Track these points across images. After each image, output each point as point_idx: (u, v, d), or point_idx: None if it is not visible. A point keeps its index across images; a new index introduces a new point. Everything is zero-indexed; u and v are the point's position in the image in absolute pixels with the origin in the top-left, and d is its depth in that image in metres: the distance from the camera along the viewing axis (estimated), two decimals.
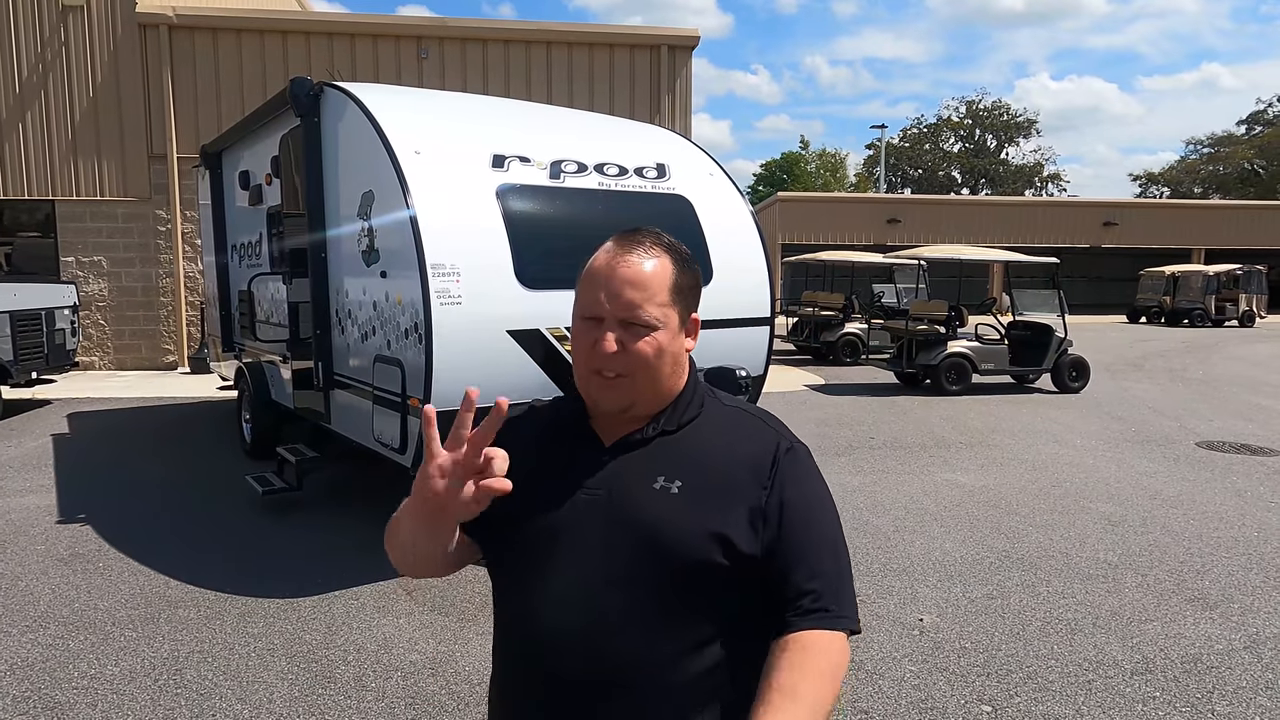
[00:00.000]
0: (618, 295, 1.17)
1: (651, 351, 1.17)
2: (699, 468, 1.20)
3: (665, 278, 1.20)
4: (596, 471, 1.21)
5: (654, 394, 1.22)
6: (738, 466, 1.20)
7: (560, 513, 1.19)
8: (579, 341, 1.21)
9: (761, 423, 1.27)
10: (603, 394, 1.20)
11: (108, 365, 13.42)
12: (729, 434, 1.24)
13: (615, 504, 1.18)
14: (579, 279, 1.24)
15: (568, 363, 4.79)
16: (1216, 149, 53.58)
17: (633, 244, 1.21)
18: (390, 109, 4.99)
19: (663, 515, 1.16)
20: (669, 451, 1.21)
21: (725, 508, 1.16)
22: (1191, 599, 4.31)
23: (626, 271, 1.18)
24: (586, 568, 1.17)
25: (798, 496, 1.20)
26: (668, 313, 1.19)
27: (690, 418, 1.25)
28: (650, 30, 14.69)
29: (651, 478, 1.19)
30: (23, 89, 12.80)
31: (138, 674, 3.49)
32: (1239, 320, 25.78)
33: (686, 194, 5.62)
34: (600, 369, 1.18)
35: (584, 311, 1.21)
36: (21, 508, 5.88)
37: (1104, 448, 7.97)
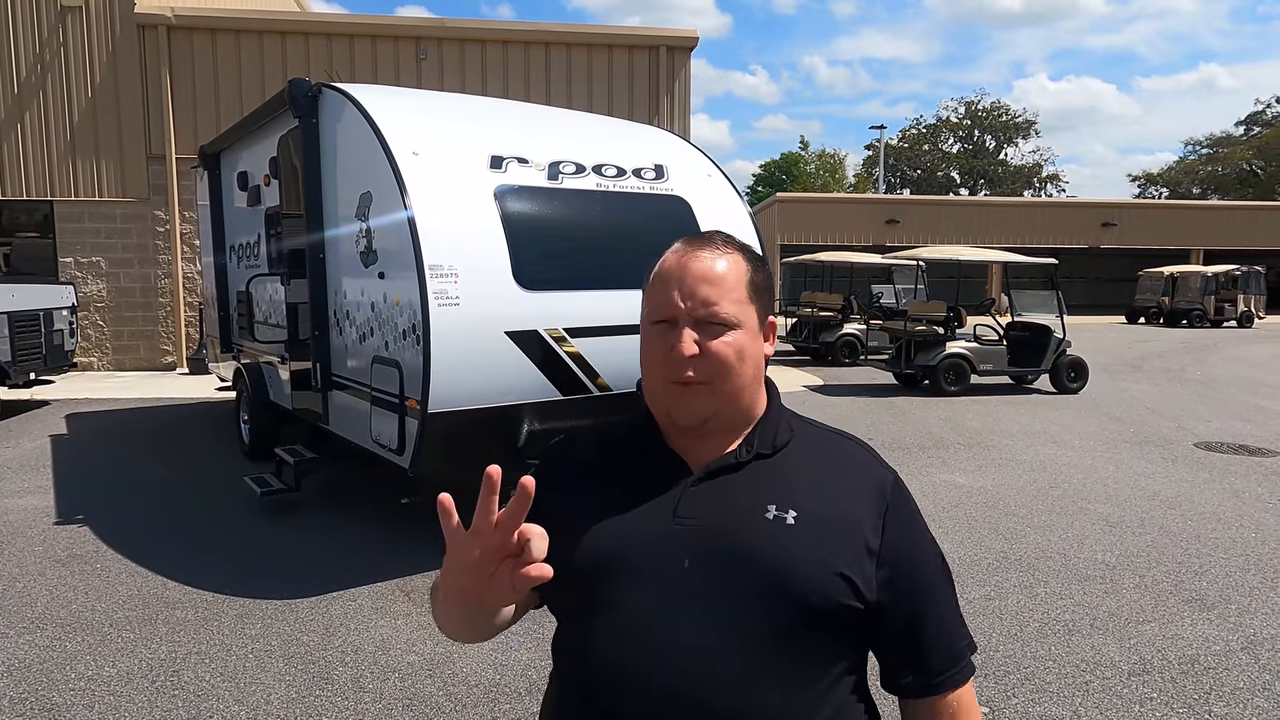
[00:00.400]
0: (693, 292, 1.07)
1: (733, 353, 1.07)
2: (811, 497, 1.08)
3: (741, 273, 1.11)
4: (690, 499, 1.08)
5: (735, 405, 1.11)
6: (851, 499, 1.09)
7: (647, 547, 1.06)
8: (651, 349, 1.10)
9: (863, 450, 1.17)
10: (681, 405, 1.09)
11: (106, 366, 13.42)
12: (832, 462, 1.14)
13: (719, 535, 1.05)
14: (646, 284, 1.15)
15: (566, 364, 4.83)
16: (1215, 150, 53.65)
17: (703, 242, 1.13)
18: (388, 110, 4.99)
19: (782, 549, 1.03)
20: (772, 478, 1.09)
21: (844, 545, 1.05)
22: (1189, 600, 4.32)
23: (700, 266, 1.09)
24: (685, 610, 1.02)
25: (916, 538, 1.11)
26: (746, 311, 1.09)
27: (785, 440, 1.13)
28: (649, 31, 14.70)
29: (761, 506, 1.06)
30: (21, 89, 12.79)
31: (135, 675, 3.49)
32: (1237, 321, 25.80)
33: (684, 195, 5.62)
34: (677, 376, 1.07)
35: (655, 315, 1.11)
36: (19, 509, 5.88)
37: (1102, 448, 7.98)
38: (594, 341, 4.94)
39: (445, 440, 4.53)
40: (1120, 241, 31.22)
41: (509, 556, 0.91)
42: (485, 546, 0.90)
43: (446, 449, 4.61)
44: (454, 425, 4.49)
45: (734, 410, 1.11)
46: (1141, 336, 21.83)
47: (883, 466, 1.15)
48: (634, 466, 1.14)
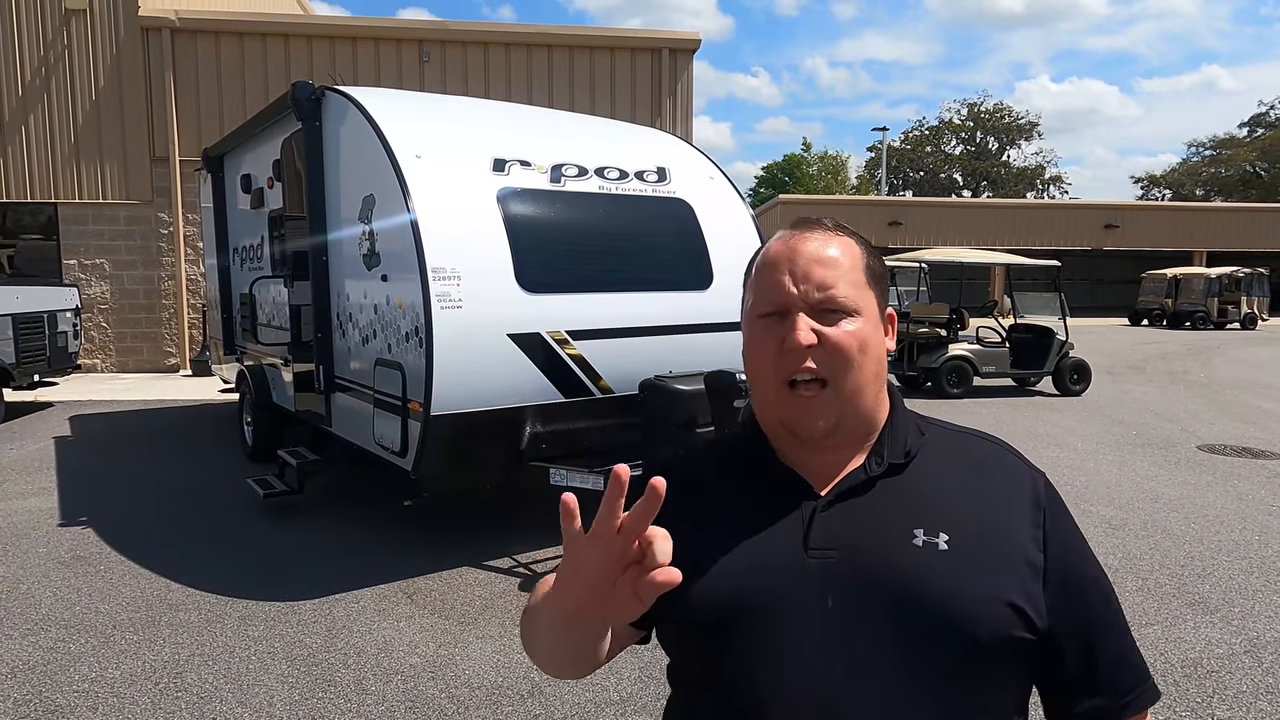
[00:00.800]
0: (806, 274, 0.95)
1: (855, 343, 0.94)
2: (960, 512, 0.95)
3: (856, 256, 0.99)
4: (821, 526, 0.95)
5: (859, 408, 0.97)
6: (1003, 511, 0.97)
7: (777, 585, 0.93)
8: (759, 347, 0.97)
9: (1004, 450, 1.04)
10: (800, 414, 0.96)
11: (110, 368, 13.44)
12: (972, 468, 1.01)
13: (864, 569, 0.92)
14: (749, 276, 1.03)
15: (568, 366, 4.83)
16: (1218, 151, 53.58)
17: (811, 225, 1.01)
18: (391, 113, 5.01)
19: (941, 580, 0.91)
20: (910, 494, 0.97)
21: (1007, 567, 0.93)
22: (1192, 603, 4.31)
23: (811, 248, 0.97)
24: (826, 650, 0.90)
25: (1079, 547, 0.99)
26: (865, 296, 0.97)
27: (917, 446, 1.01)
28: (651, 34, 14.72)
29: (906, 531, 0.93)
30: (26, 92, 12.83)
31: (138, 677, 3.50)
32: (1241, 323, 25.75)
33: (687, 197, 5.63)
34: (794, 373, 0.94)
35: (761, 307, 0.98)
36: (23, 510, 5.89)
37: (1105, 451, 7.97)
38: (596, 344, 4.95)
39: (448, 442, 4.53)
40: (1123, 243, 31.18)
41: (631, 564, 0.80)
42: (608, 553, 0.79)
43: (449, 451, 4.62)
44: (456, 428, 4.49)
45: (858, 415, 0.98)
46: (1144, 339, 21.80)
47: (1030, 467, 1.03)
48: (747, 488, 1.01)
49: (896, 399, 1.04)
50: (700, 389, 4.56)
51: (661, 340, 5.20)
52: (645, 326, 5.16)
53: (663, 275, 5.39)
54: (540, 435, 4.89)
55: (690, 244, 5.52)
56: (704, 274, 5.49)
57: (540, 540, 5.18)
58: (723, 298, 5.47)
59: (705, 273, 5.50)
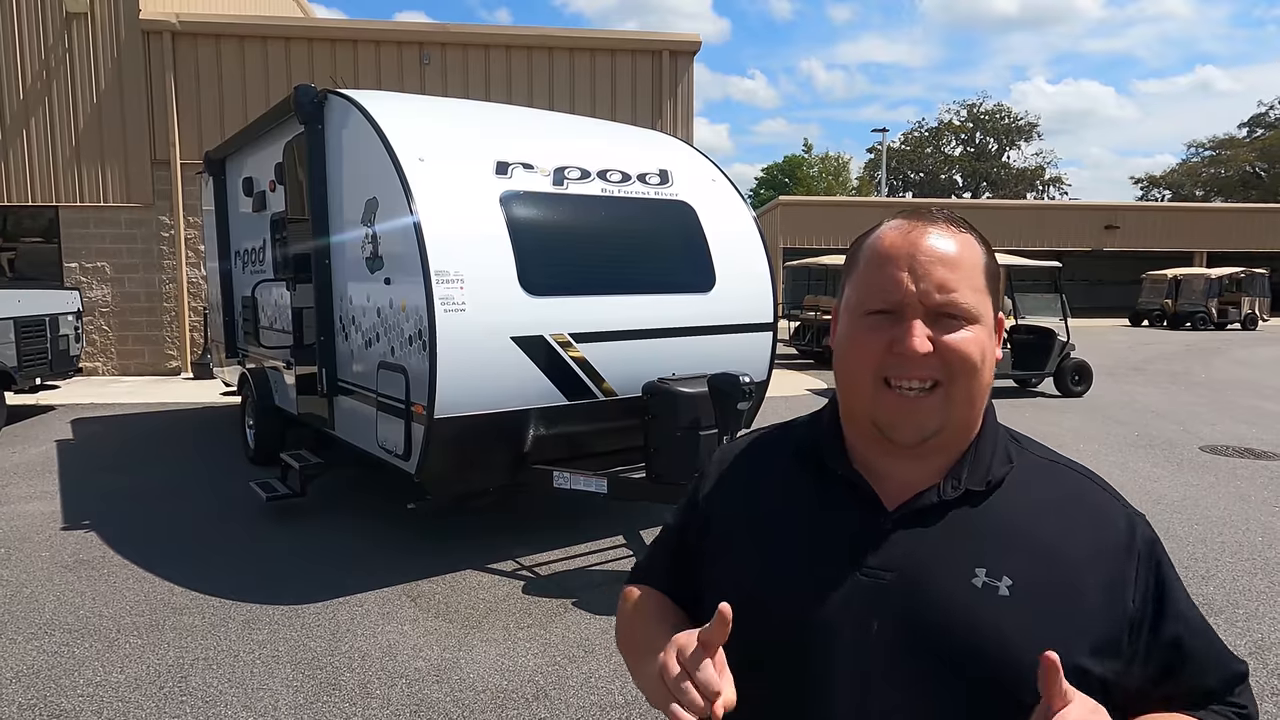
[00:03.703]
0: (929, 273, 0.87)
1: (977, 351, 0.88)
2: (1032, 556, 0.88)
3: (978, 258, 0.92)
4: (879, 545, 0.89)
5: (965, 418, 0.91)
6: (1085, 557, 0.89)
7: (824, 598, 0.89)
8: (862, 344, 0.90)
9: (1099, 488, 0.97)
10: (903, 415, 0.89)
11: (111, 371, 13.44)
12: (1058, 504, 0.93)
13: (911, 597, 0.87)
14: (853, 263, 0.96)
15: (572, 369, 4.83)
16: (1218, 152, 53.59)
17: (931, 218, 0.93)
18: (394, 116, 5.01)
19: (987, 624, 0.85)
20: (983, 527, 0.90)
21: (1076, 622, 0.86)
22: (1196, 604, 4.30)
23: (934, 244, 0.89)
24: (864, 677, 0.87)
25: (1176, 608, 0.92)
26: (985, 303, 0.90)
27: (1000, 475, 0.92)
28: (652, 36, 14.72)
29: (968, 567, 0.87)
30: (27, 95, 12.84)
31: (143, 681, 3.50)
32: (1241, 323, 25.76)
33: (689, 200, 5.63)
34: (901, 379, 0.87)
35: (871, 302, 0.90)
36: (26, 514, 5.89)
37: (1107, 452, 7.96)
38: (599, 346, 4.95)
39: (451, 446, 4.54)
40: (1123, 244, 31.17)
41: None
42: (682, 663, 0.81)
43: (452, 454, 4.62)
44: (460, 431, 4.49)
45: (961, 425, 0.91)
46: (1145, 339, 21.80)
47: (1126, 508, 0.95)
48: (814, 492, 0.95)
49: (990, 417, 0.96)
50: (704, 391, 4.56)
51: (664, 343, 5.20)
52: (648, 329, 5.16)
53: (665, 278, 5.40)
54: (543, 438, 4.89)
55: (693, 246, 5.53)
56: (706, 276, 5.49)
57: (543, 543, 5.18)
58: (725, 300, 5.47)
59: (708, 275, 5.50)
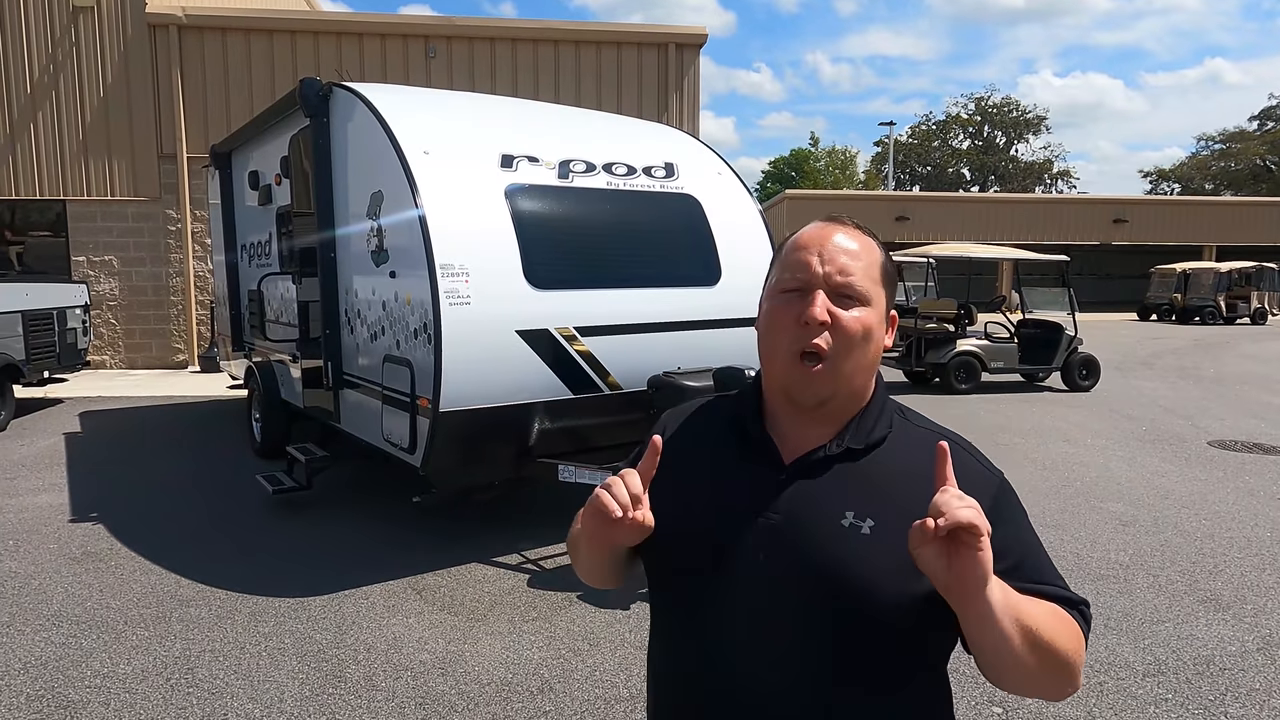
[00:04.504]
0: (833, 258, 1.08)
1: (860, 330, 1.07)
2: (895, 503, 1.04)
3: (877, 256, 1.12)
4: (774, 493, 1.08)
5: (850, 388, 1.10)
6: None
7: (728, 533, 1.09)
8: (777, 319, 1.09)
9: (967, 454, 1.11)
10: (803, 384, 1.08)
11: (119, 364, 13.50)
12: (926, 463, 1.05)
13: (793, 535, 1.05)
14: (777, 255, 1.15)
15: (577, 363, 4.83)
16: (1228, 145, 53.21)
17: (842, 221, 1.14)
18: (399, 109, 5.00)
19: (849, 558, 1.03)
20: (857, 478, 1.08)
21: None
22: (1204, 600, 4.29)
23: (840, 238, 1.10)
24: (753, 601, 1.06)
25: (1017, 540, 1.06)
26: (878, 292, 1.10)
27: (880, 437, 1.11)
28: (658, 29, 14.67)
29: (839, 511, 1.05)
30: (34, 89, 12.87)
31: (150, 673, 3.51)
32: (1251, 318, 25.60)
33: (695, 193, 5.61)
34: (805, 344, 1.06)
35: (787, 283, 1.10)
36: (34, 506, 5.92)
37: (1115, 447, 7.93)
38: (605, 340, 4.94)
39: (457, 439, 4.54)
40: (1132, 238, 31.00)
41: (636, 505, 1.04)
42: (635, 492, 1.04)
43: (458, 447, 4.62)
44: (465, 424, 4.49)
45: (848, 393, 1.10)
46: (1154, 334, 21.69)
47: (985, 470, 1.10)
48: (734, 451, 1.15)
49: (880, 392, 1.15)
50: (709, 385, 4.55)
51: (670, 336, 5.19)
52: (654, 323, 5.15)
53: (671, 271, 5.38)
54: (549, 431, 4.88)
55: (698, 240, 5.51)
56: (712, 270, 5.48)
57: (548, 536, 5.19)
58: (731, 293, 5.45)
59: (714, 269, 5.49)
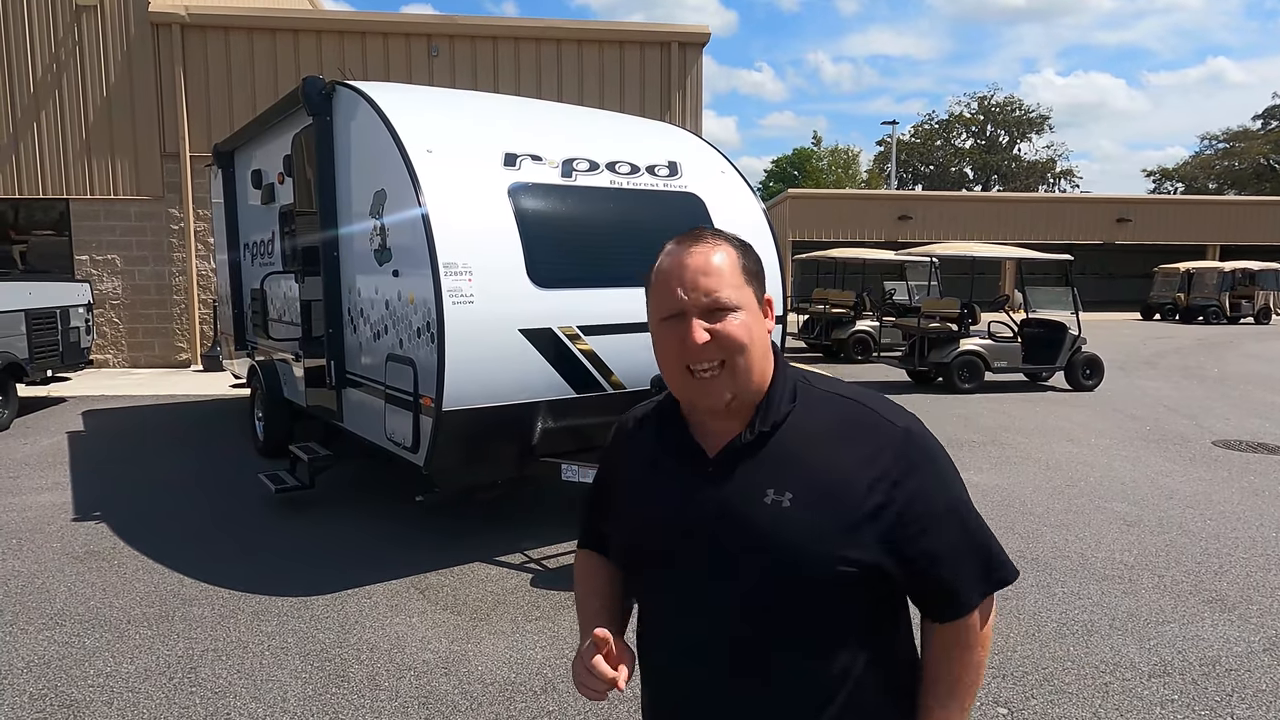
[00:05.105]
0: (694, 284, 1.14)
1: (744, 332, 1.14)
2: (807, 473, 1.13)
3: (732, 260, 1.18)
4: (702, 486, 1.17)
5: (749, 383, 1.17)
6: (850, 467, 1.13)
7: (668, 535, 1.18)
8: (664, 344, 1.18)
9: (866, 409, 1.19)
10: (701, 393, 1.16)
11: (121, 363, 13.51)
12: (833, 427, 1.17)
13: (727, 522, 1.14)
14: (648, 287, 1.22)
15: (580, 362, 4.82)
16: (1231, 144, 53.08)
17: (691, 239, 1.20)
18: (402, 108, 4.99)
19: (776, 532, 1.11)
20: (774, 456, 1.15)
21: (843, 517, 1.10)
22: (1209, 600, 4.27)
23: (694, 260, 1.16)
24: (698, 584, 1.15)
25: (927, 495, 1.14)
26: (744, 293, 1.17)
27: (785, 413, 1.18)
28: (661, 27, 14.66)
29: (760, 490, 1.13)
30: (37, 88, 12.88)
31: (153, 672, 3.51)
32: (1254, 317, 25.54)
33: (698, 192, 5.60)
34: (693, 364, 1.14)
35: (662, 312, 1.18)
36: (37, 505, 5.92)
37: (1119, 446, 7.91)
38: (608, 339, 4.93)
39: (460, 438, 4.53)
40: (1135, 237, 30.93)
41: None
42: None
43: (461, 446, 4.62)
44: (468, 423, 4.49)
45: (749, 388, 1.17)
46: (1157, 333, 21.65)
47: (892, 425, 1.16)
48: (664, 457, 1.24)
49: (779, 371, 1.21)
50: None
51: None
52: None
53: None
54: (552, 430, 4.87)
55: None
56: None
57: (551, 535, 5.18)
58: None
59: None
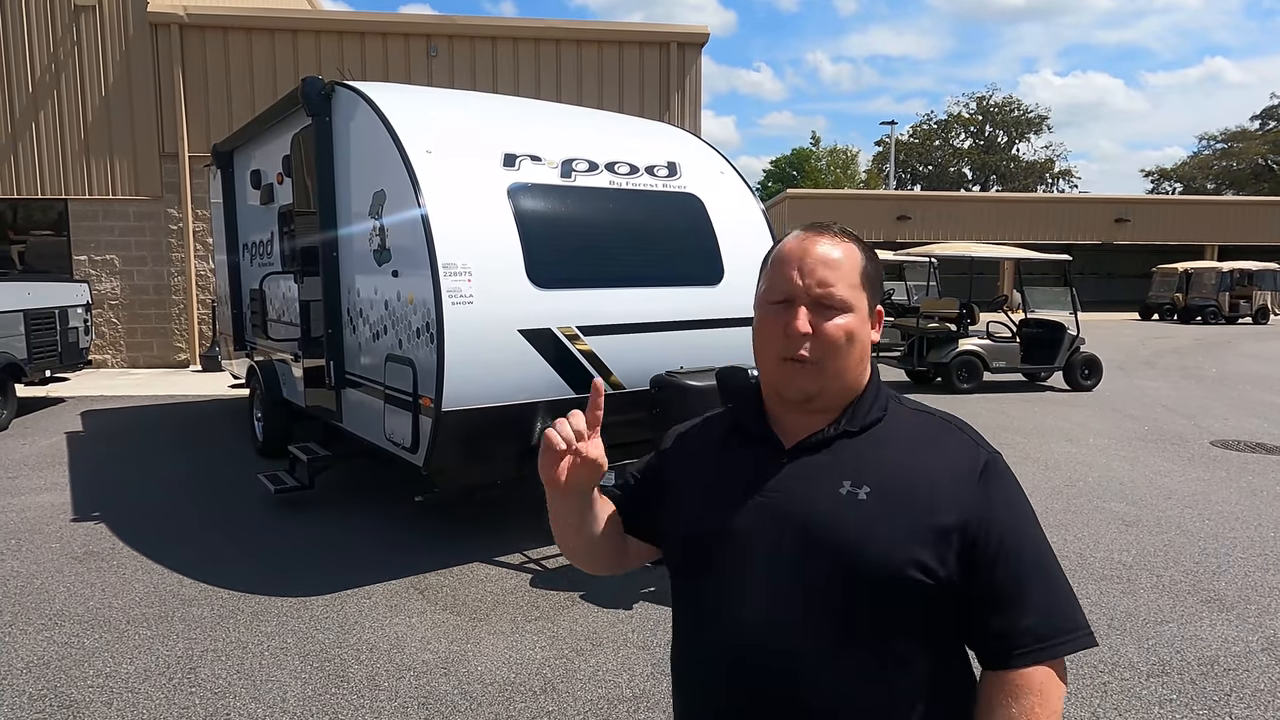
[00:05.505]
0: (812, 272, 1.14)
1: (843, 335, 1.14)
2: (889, 474, 1.12)
3: (856, 261, 1.18)
4: (775, 474, 1.17)
5: (840, 384, 1.17)
6: (934, 478, 1.12)
7: (737, 518, 1.16)
8: (766, 328, 1.18)
9: (958, 430, 1.19)
10: (789, 381, 1.16)
11: (120, 363, 13.50)
12: (921, 441, 1.17)
13: (795, 509, 1.13)
14: (764, 265, 1.22)
15: (579, 362, 4.82)
16: (1230, 144, 53.14)
17: (821, 230, 1.20)
18: (401, 108, 4.99)
19: (848, 521, 1.10)
20: (854, 454, 1.15)
21: (920, 522, 1.08)
22: (1208, 600, 4.28)
23: (819, 250, 1.16)
24: (761, 574, 1.13)
25: (1004, 519, 1.11)
26: (859, 297, 1.16)
27: (875, 419, 1.18)
28: (660, 28, 14.66)
29: (837, 481, 1.13)
30: (36, 89, 12.87)
31: (152, 672, 3.51)
32: (1253, 317, 25.58)
33: (697, 192, 5.60)
34: (790, 352, 1.14)
35: (772, 295, 1.18)
36: (36, 506, 5.92)
37: (1117, 446, 7.92)
38: (607, 339, 4.93)
39: (459, 438, 4.53)
40: (1134, 237, 30.97)
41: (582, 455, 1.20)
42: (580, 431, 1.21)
43: (460, 447, 4.62)
44: (468, 423, 4.49)
45: (837, 389, 1.17)
46: (1156, 333, 21.67)
47: (976, 446, 1.16)
48: (738, 445, 1.24)
49: (874, 380, 1.22)
50: (712, 384, 4.53)
51: (673, 336, 5.18)
52: (656, 322, 5.14)
53: (674, 270, 5.37)
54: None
55: (701, 239, 5.50)
56: (715, 269, 5.47)
57: (550, 536, 5.17)
58: (734, 293, 5.44)
59: (716, 268, 5.47)
